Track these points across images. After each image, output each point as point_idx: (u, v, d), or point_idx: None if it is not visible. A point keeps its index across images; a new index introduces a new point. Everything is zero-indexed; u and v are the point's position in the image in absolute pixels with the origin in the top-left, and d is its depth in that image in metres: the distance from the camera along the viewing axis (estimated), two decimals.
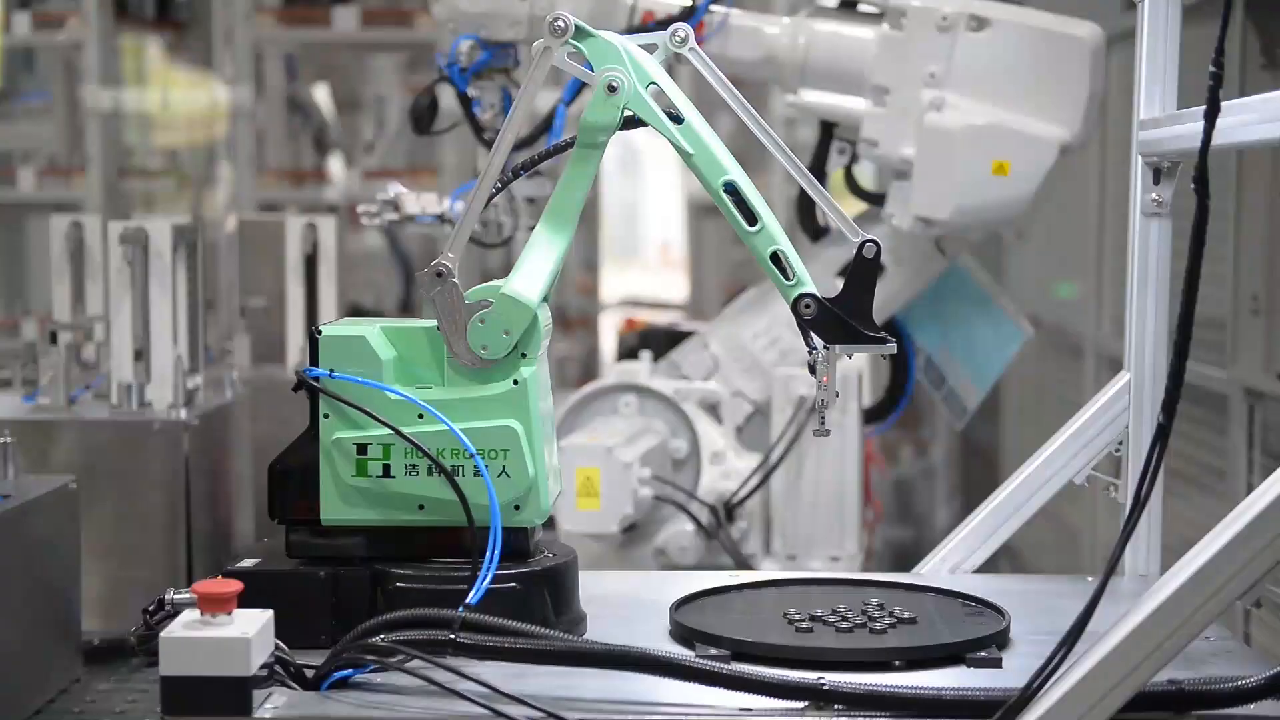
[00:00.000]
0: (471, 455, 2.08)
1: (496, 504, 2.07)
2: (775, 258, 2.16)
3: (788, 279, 2.15)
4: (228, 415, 3.49)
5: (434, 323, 2.14)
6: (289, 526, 2.14)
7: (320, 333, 2.11)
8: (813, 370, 2.13)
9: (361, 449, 2.09)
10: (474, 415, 2.10)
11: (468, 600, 1.99)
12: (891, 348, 2.16)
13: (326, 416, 2.09)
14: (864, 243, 2.16)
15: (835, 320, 2.13)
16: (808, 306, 2.13)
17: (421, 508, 2.10)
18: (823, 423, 2.17)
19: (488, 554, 2.04)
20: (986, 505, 2.54)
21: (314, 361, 2.10)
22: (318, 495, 2.11)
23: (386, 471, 2.09)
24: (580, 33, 2.14)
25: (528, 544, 2.14)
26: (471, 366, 2.13)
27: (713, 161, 2.17)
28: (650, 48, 2.21)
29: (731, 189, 2.17)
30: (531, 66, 2.16)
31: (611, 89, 2.14)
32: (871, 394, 3.86)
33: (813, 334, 2.14)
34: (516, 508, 2.11)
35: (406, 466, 2.08)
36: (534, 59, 2.15)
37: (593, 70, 2.15)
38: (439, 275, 2.14)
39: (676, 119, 2.18)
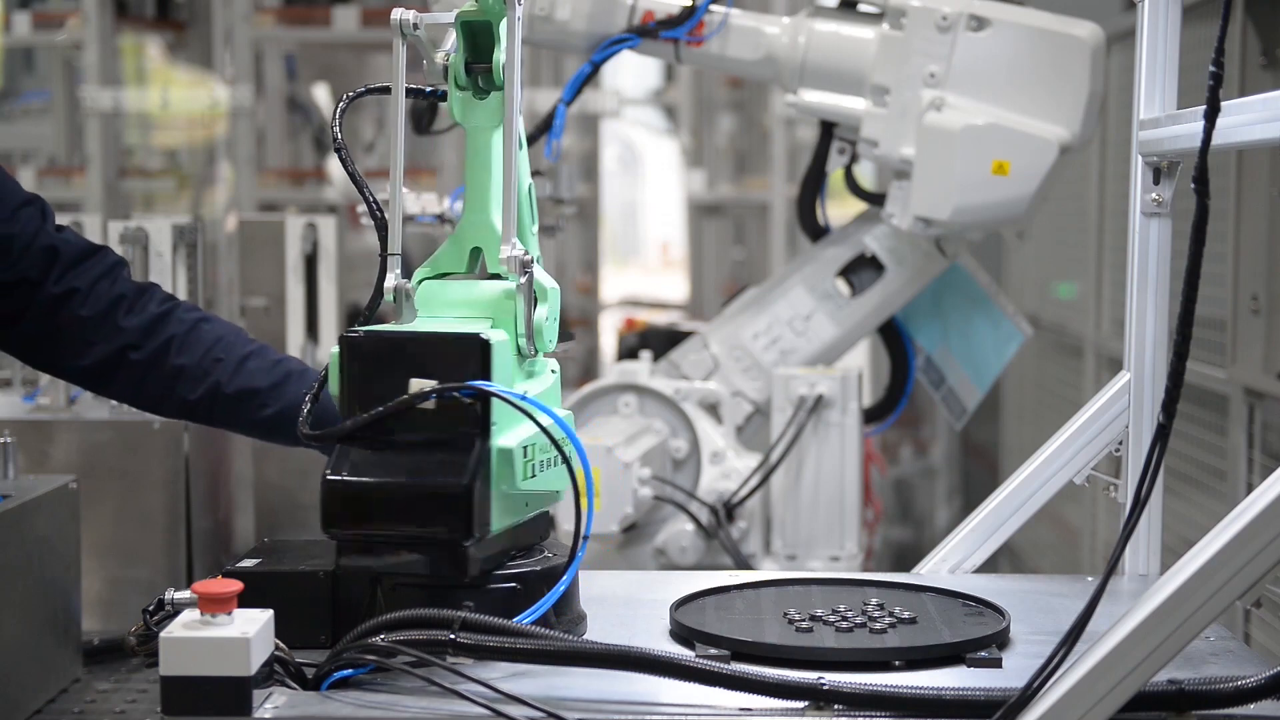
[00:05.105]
0: (576, 446, 2.05)
1: (592, 489, 2.08)
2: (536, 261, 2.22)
3: None
4: None
5: (486, 321, 2.11)
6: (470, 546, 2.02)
7: (491, 341, 2.01)
8: None
9: (526, 452, 2.03)
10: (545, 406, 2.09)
11: (560, 582, 2.02)
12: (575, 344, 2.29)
13: (495, 424, 2.01)
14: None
15: (563, 322, 2.26)
16: None
17: (527, 504, 2.09)
18: None
19: (582, 536, 2.05)
20: (986, 505, 2.54)
21: (485, 369, 2.01)
22: (488, 508, 2.01)
23: (533, 472, 2.05)
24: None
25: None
26: (531, 357, 2.12)
27: (527, 160, 2.21)
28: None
29: (530, 190, 2.21)
30: (510, 29, 2.11)
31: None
32: (871, 394, 3.86)
33: None
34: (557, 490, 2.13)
35: (540, 464, 2.06)
36: (511, 24, 2.11)
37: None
38: (531, 263, 2.11)
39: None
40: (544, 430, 2.01)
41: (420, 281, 2.19)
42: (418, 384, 1.98)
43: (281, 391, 2.42)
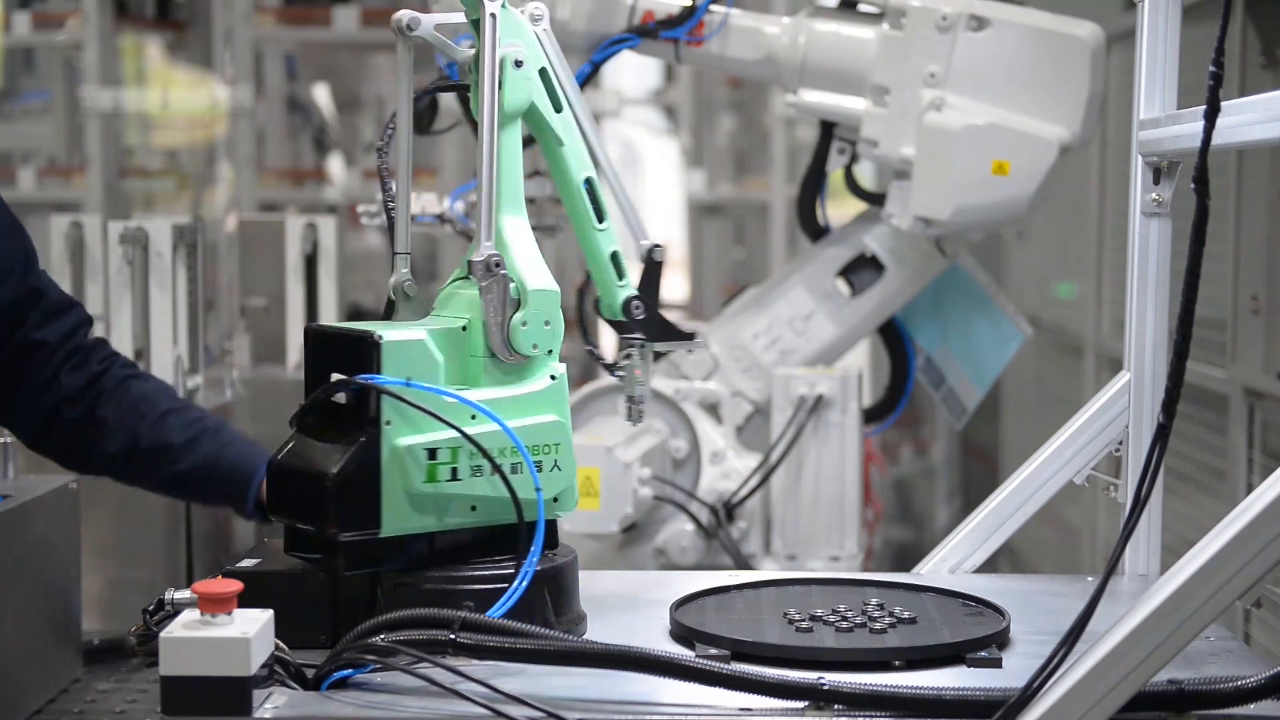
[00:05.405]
0: (522, 453, 2.06)
1: (542, 499, 2.07)
2: (614, 257, 2.25)
3: (620, 279, 2.25)
4: (228, 415, 3.49)
5: (459, 322, 2.13)
6: (346, 540, 2.04)
7: (381, 338, 2.03)
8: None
9: (431, 454, 2.03)
10: (520, 412, 2.09)
11: (508, 594, 2.00)
12: (699, 343, 2.32)
13: (389, 423, 2.02)
14: (653, 247, 2.28)
15: (657, 319, 2.27)
16: (637, 306, 2.26)
17: (474, 509, 2.07)
18: (640, 417, 2.33)
19: (532, 548, 2.04)
20: (986, 505, 2.54)
21: (375, 368, 2.03)
22: (377, 506, 2.03)
23: (454, 475, 2.05)
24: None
25: (557, 535, 2.17)
26: (509, 361, 2.11)
27: (580, 155, 2.22)
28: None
29: (589, 185, 2.22)
30: (483, 30, 2.12)
31: (518, 63, 2.14)
32: (871, 394, 3.86)
33: (636, 333, 2.26)
34: (555, 499, 2.13)
35: (471, 468, 2.06)
36: (485, 24, 2.13)
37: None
38: (498, 264, 2.10)
39: (557, 108, 2.19)
40: (464, 432, 2.02)
41: (453, 281, 2.21)
42: (335, 378, 2.05)
43: (194, 447, 2.45)
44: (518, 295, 2.11)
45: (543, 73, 2.17)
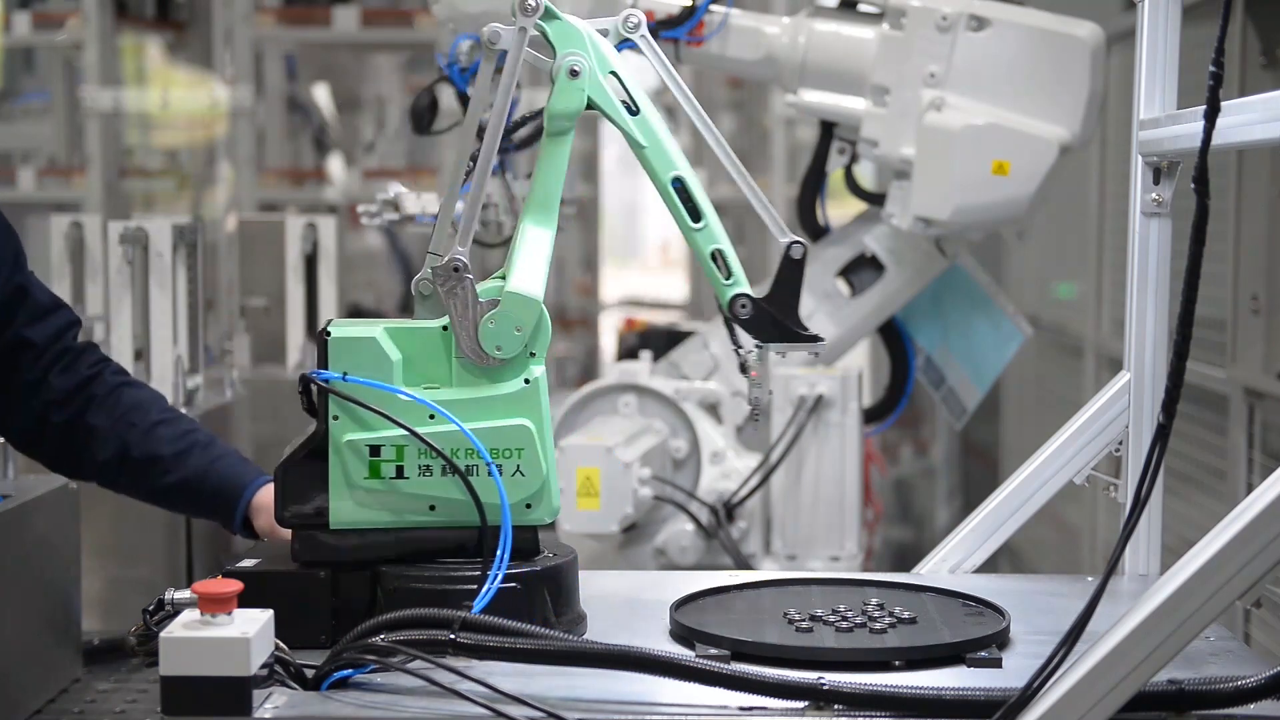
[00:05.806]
0: (482, 455, 2.07)
1: (507, 503, 2.06)
2: (715, 256, 2.19)
3: (726, 278, 2.19)
4: (228, 415, 3.49)
5: (439, 323, 2.14)
6: (295, 530, 2.11)
7: (329, 334, 2.08)
8: (744, 370, 2.20)
9: (375, 450, 2.06)
10: (486, 415, 2.09)
11: (478, 600, 1.99)
12: (821, 346, 2.23)
13: (336, 418, 2.06)
14: (791, 244, 2.19)
15: (769, 319, 2.18)
16: (744, 306, 2.18)
17: (433, 508, 2.09)
18: (758, 419, 2.24)
19: (498, 554, 2.04)
20: (986, 505, 2.54)
21: (323, 363, 2.07)
22: (326, 498, 2.08)
23: (400, 473, 2.07)
24: (548, 13, 2.14)
25: (536, 542, 2.15)
26: (480, 364, 2.11)
27: (664, 155, 2.19)
28: (603, 33, 2.20)
29: (679, 185, 2.19)
30: (512, 48, 2.14)
31: (574, 73, 2.14)
32: (871, 394, 3.86)
33: (747, 333, 2.20)
34: (528, 506, 2.11)
35: (420, 468, 2.07)
36: (513, 37, 2.14)
37: (555, 53, 2.15)
38: (456, 270, 2.12)
39: (633, 110, 2.18)
40: (407, 427, 2.03)
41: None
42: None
43: (184, 461, 2.45)
44: (500, 296, 2.12)
45: (615, 76, 2.17)
